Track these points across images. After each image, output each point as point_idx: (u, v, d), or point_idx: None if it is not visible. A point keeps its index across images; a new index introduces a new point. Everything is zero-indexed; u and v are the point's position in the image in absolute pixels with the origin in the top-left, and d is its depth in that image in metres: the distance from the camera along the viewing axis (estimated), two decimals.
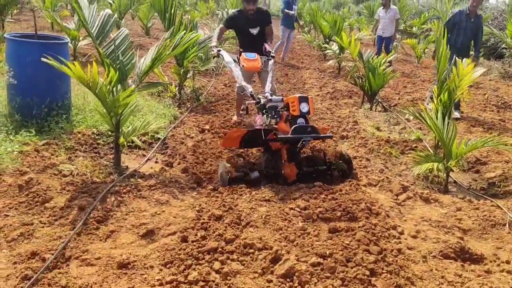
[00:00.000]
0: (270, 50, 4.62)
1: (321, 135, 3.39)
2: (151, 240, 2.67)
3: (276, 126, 3.53)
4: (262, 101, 3.74)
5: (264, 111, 3.65)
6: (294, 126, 3.29)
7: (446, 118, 3.99)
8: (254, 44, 4.61)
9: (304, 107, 3.34)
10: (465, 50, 6.15)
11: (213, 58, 4.71)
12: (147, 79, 4.22)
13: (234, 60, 4.23)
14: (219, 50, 4.39)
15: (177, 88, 6.21)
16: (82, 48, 8.09)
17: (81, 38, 7.70)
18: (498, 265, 2.61)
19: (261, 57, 4.35)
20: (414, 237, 2.86)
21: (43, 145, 3.76)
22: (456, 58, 4.40)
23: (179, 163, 3.95)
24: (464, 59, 4.26)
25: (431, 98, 5.04)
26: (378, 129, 5.41)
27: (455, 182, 4.01)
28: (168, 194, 3.29)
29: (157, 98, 6.04)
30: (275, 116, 3.47)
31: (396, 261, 2.53)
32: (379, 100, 6.66)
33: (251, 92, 3.87)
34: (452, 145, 3.75)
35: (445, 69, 4.10)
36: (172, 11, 5.74)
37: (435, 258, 2.64)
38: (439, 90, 4.15)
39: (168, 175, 3.65)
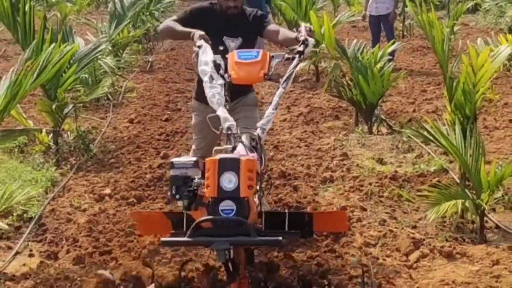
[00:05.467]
0: (305, 34, 4.26)
1: (258, 238, 3.03)
2: None
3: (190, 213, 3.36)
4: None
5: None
6: (204, 218, 3.06)
7: (468, 131, 4.80)
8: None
9: (230, 180, 3.06)
10: None
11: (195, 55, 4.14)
12: (3, 126, 4.78)
13: (218, 65, 4.00)
14: (199, 46, 4.11)
15: (50, 135, 6.78)
16: None
17: None
18: None
19: (272, 56, 4.09)
20: None
21: None
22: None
23: (67, 252, 4.46)
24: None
25: None
26: (380, 161, 6.20)
27: (497, 226, 4.76)
28: None
29: (20, 156, 6.57)
30: (180, 196, 3.17)
31: None
32: (382, 116, 7.50)
33: (229, 127, 3.63)
34: (480, 171, 4.52)
35: (446, 59, 4.93)
36: (28, 17, 6.35)
37: None
38: (449, 91, 4.98)
39: (53, 272, 4.17)
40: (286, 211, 3.80)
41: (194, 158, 3.28)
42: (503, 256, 4.12)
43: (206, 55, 4.00)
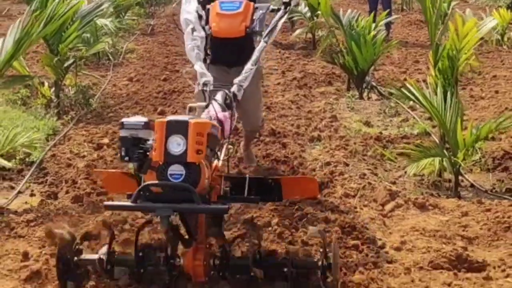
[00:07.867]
0: None
1: (202, 206, 2.89)
2: (38, 284, 3.52)
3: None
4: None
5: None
6: (146, 184, 2.96)
7: (449, 94, 5.10)
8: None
9: (178, 143, 2.93)
10: None
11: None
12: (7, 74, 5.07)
13: (200, 17, 3.98)
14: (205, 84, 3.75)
15: (52, 89, 7.08)
16: None
17: None
18: (503, 270, 3.63)
19: (257, 8, 4.01)
20: (398, 249, 3.87)
21: None
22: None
23: (67, 192, 4.81)
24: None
25: None
26: (367, 124, 6.52)
27: (472, 185, 5.08)
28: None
29: (22, 107, 6.88)
30: (130, 158, 3.05)
31: (370, 277, 3.50)
32: (372, 83, 7.80)
33: (205, 83, 3.63)
34: (456, 131, 4.84)
35: (438, 25, 5.23)
36: None
37: (422, 270, 3.63)
38: (435, 56, 5.27)
39: (52, 208, 4.52)
40: (247, 176, 3.60)
41: (145, 119, 3.11)
42: (472, 209, 4.44)
43: (190, 4, 3.95)
